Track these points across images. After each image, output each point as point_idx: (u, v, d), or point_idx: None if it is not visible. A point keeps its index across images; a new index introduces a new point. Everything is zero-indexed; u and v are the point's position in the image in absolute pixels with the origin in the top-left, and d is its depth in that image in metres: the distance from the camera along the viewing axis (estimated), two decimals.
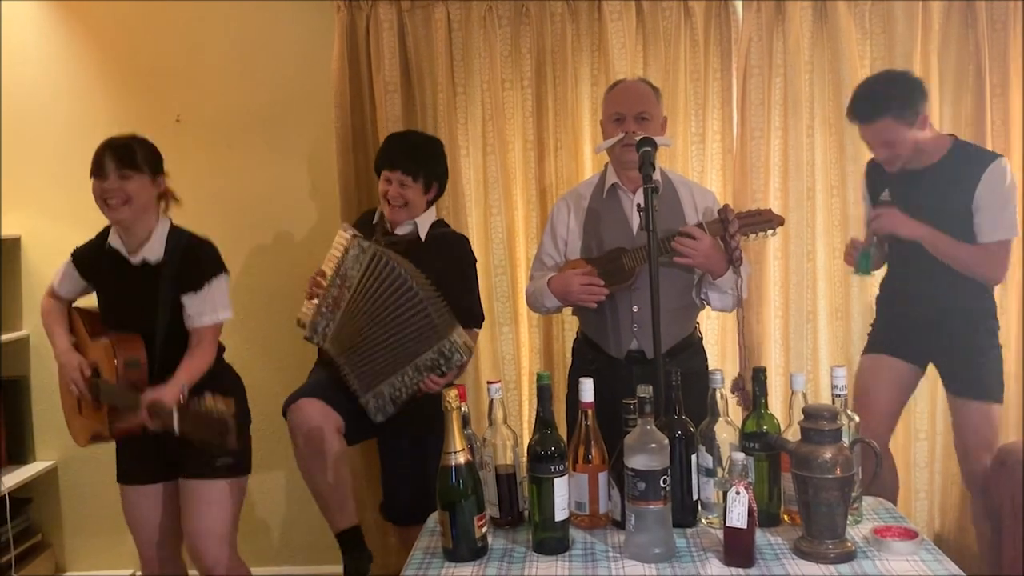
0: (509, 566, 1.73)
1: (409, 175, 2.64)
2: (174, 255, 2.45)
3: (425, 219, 2.70)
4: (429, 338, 2.49)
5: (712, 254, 2.38)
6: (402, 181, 2.63)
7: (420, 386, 2.52)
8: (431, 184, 2.70)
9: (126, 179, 2.39)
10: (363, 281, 2.51)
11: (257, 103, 3.33)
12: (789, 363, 3.15)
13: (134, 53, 3.33)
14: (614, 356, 2.53)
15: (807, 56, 3.09)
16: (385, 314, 2.50)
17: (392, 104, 3.16)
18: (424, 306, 2.47)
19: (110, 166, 2.38)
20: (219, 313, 2.46)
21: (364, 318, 2.53)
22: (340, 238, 2.60)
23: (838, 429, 1.71)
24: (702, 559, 1.71)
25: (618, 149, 2.51)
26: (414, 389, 2.52)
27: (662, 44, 3.10)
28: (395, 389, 2.54)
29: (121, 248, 2.46)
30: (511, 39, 3.16)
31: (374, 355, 2.54)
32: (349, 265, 2.55)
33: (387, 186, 2.65)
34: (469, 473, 1.76)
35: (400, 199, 2.65)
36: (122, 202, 2.39)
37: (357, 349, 2.55)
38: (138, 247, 2.44)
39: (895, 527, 1.79)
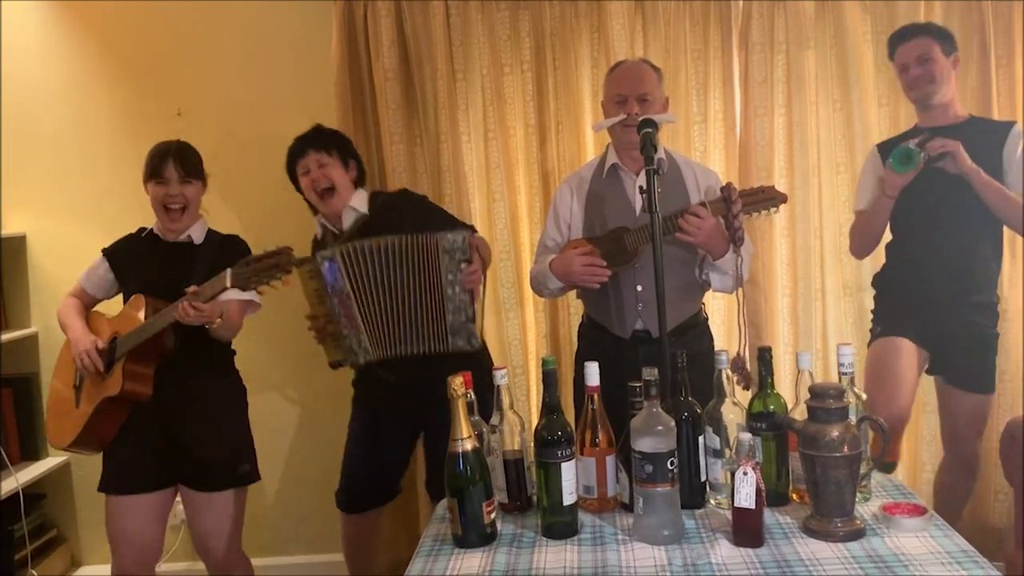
0: (519, 551, 1.73)
1: (323, 150, 2.59)
2: (213, 242, 2.57)
3: (359, 198, 2.64)
4: (427, 256, 2.47)
5: (714, 234, 2.37)
6: (318, 161, 2.58)
7: (466, 288, 2.48)
8: (348, 160, 2.66)
9: (187, 185, 2.50)
10: (353, 280, 2.50)
11: (257, 95, 3.32)
12: (798, 341, 3.14)
13: (134, 47, 3.33)
14: (620, 336, 2.53)
15: (810, 32, 3.06)
16: (389, 284, 2.49)
17: (392, 92, 3.15)
18: (405, 243, 2.47)
19: (173, 172, 2.47)
20: (250, 295, 2.49)
21: (383, 303, 2.51)
22: (301, 274, 2.55)
23: (845, 407, 1.70)
24: (711, 540, 1.71)
25: (619, 130, 2.50)
26: (468, 295, 2.48)
27: (662, 24, 3.08)
28: (457, 312, 2.49)
29: (162, 234, 2.55)
30: (510, 23, 3.14)
31: (415, 316, 2.51)
32: (334, 282, 2.51)
33: (307, 177, 2.60)
34: (476, 460, 1.76)
35: (325, 180, 2.57)
36: (182, 207, 2.49)
37: (402, 327, 2.51)
38: (181, 233, 2.55)
39: (904, 504, 1.79)
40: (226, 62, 3.32)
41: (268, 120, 3.32)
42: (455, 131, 3.14)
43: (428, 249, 2.48)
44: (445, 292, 2.48)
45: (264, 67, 3.31)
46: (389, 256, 2.49)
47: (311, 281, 2.55)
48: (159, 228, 2.57)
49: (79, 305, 2.64)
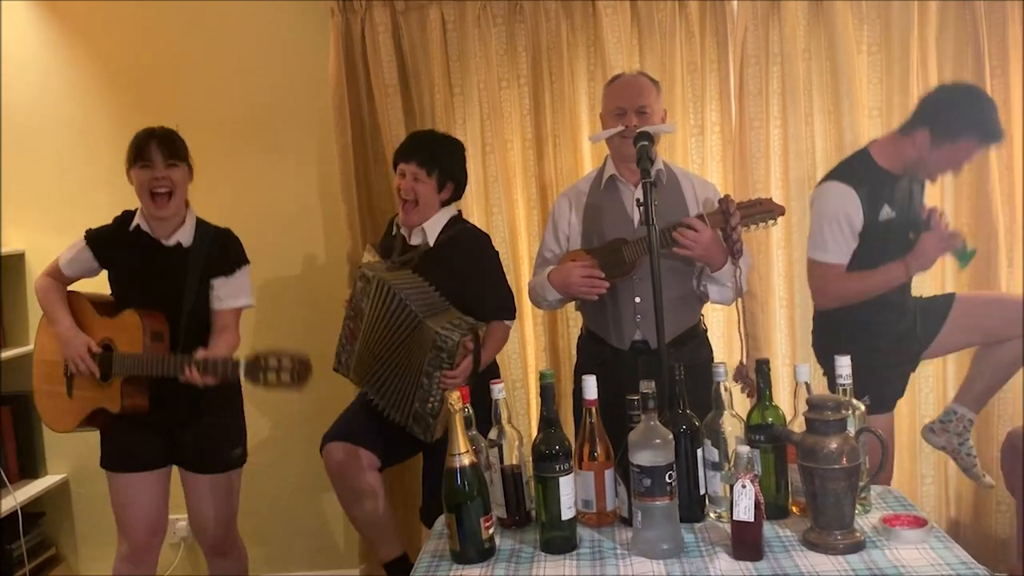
0: (517, 566, 1.72)
1: (424, 168, 2.58)
2: (204, 241, 2.51)
3: (434, 224, 2.63)
4: (422, 340, 2.45)
5: (712, 246, 2.37)
6: (415, 174, 2.58)
7: (441, 388, 2.44)
8: (445, 182, 2.64)
9: (173, 168, 2.44)
10: (371, 311, 2.53)
11: (255, 110, 3.33)
12: (796, 353, 3.14)
13: (132, 63, 3.34)
14: (618, 348, 2.52)
15: (803, 44, 3.08)
16: (391, 338, 2.50)
17: (392, 106, 3.17)
18: (416, 317, 2.45)
19: (157, 155, 2.42)
20: (244, 299, 2.55)
21: (377, 346, 2.54)
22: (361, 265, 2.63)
23: (843, 419, 1.70)
24: (710, 554, 1.70)
25: (617, 141, 2.50)
26: (439, 394, 2.45)
27: (657, 37, 3.09)
28: (424, 402, 2.48)
29: (150, 231, 2.50)
30: (506, 38, 3.16)
31: (391, 378, 2.52)
32: (359, 297, 2.58)
33: (400, 180, 2.62)
34: (474, 474, 1.75)
35: (411, 193, 2.59)
36: (168, 191, 2.43)
37: (376, 376, 2.55)
38: (170, 232, 2.50)
39: (904, 515, 1.78)
40: (224, 78, 3.33)
41: (265, 135, 3.32)
42: None
43: (424, 336, 2.44)
44: (420, 380, 2.47)
45: (261, 82, 3.32)
46: (400, 318, 2.48)
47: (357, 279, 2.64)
48: (145, 219, 2.50)
49: (60, 289, 2.62)
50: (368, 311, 2.54)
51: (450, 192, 2.68)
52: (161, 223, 2.50)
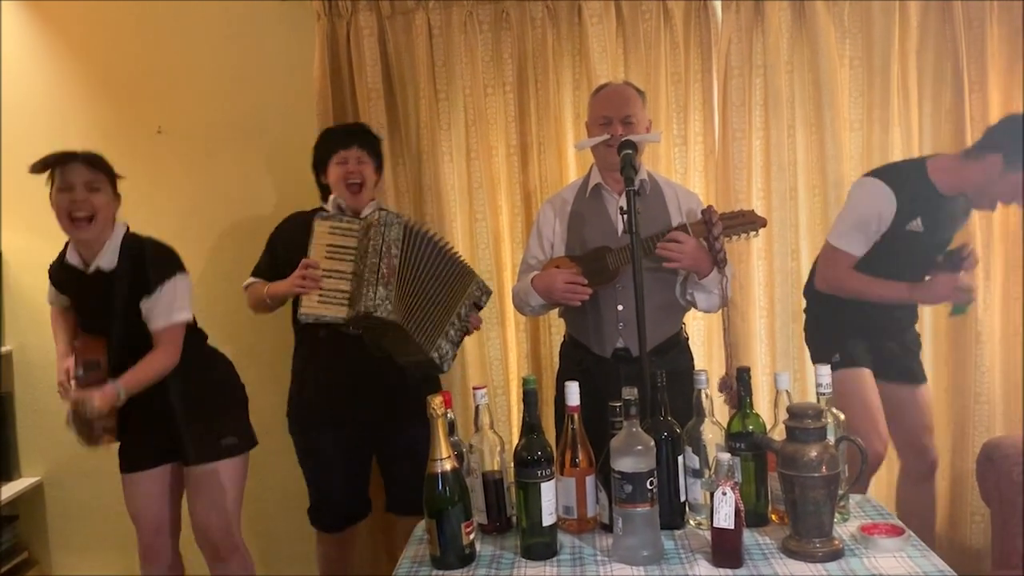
0: (497, 572, 1.72)
1: (366, 150, 2.70)
2: (126, 261, 2.42)
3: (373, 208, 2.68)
4: (465, 280, 2.54)
5: (698, 255, 2.39)
6: (359, 158, 2.68)
7: (469, 325, 2.57)
8: (379, 167, 2.80)
9: (95, 192, 2.36)
10: (407, 247, 2.46)
11: (239, 113, 3.31)
12: (775, 362, 3.16)
13: (114, 66, 3.31)
14: (600, 356, 2.53)
15: (786, 56, 3.11)
16: (435, 271, 2.50)
17: (375, 111, 3.16)
18: (455, 256, 2.54)
19: (79, 176, 2.34)
20: (174, 315, 2.42)
21: (417, 283, 2.48)
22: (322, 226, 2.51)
23: (823, 427, 1.71)
24: (690, 560, 1.71)
25: (602, 150, 2.51)
26: (465, 329, 2.56)
27: (642, 47, 3.11)
28: (452, 336, 2.53)
29: (77, 262, 2.45)
30: (492, 44, 3.17)
31: (432, 311, 2.49)
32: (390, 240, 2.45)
33: (343, 167, 2.66)
34: (456, 480, 1.75)
35: (359, 176, 2.66)
36: (88, 216, 2.35)
37: (419, 308, 2.48)
38: (92, 257, 2.42)
39: (882, 524, 1.80)
40: (207, 80, 3.31)
41: (249, 139, 3.31)
42: (437, 151, 3.15)
43: (464, 275, 2.54)
44: (458, 313, 2.52)
45: (246, 86, 3.30)
46: (438, 250, 2.50)
47: (338, 236, 2.50)
48: (73, 247, 2.47)
49: (62, 314, 2.62)
50: (404, 248, 2.46)
51: (379, 177, 2.82)
52: (86, 248, 2.43)
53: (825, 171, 3.09)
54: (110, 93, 3.32)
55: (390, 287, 2.41)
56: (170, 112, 3.31)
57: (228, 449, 2.58)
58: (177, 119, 3.31)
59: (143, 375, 2.39)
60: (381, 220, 2.46)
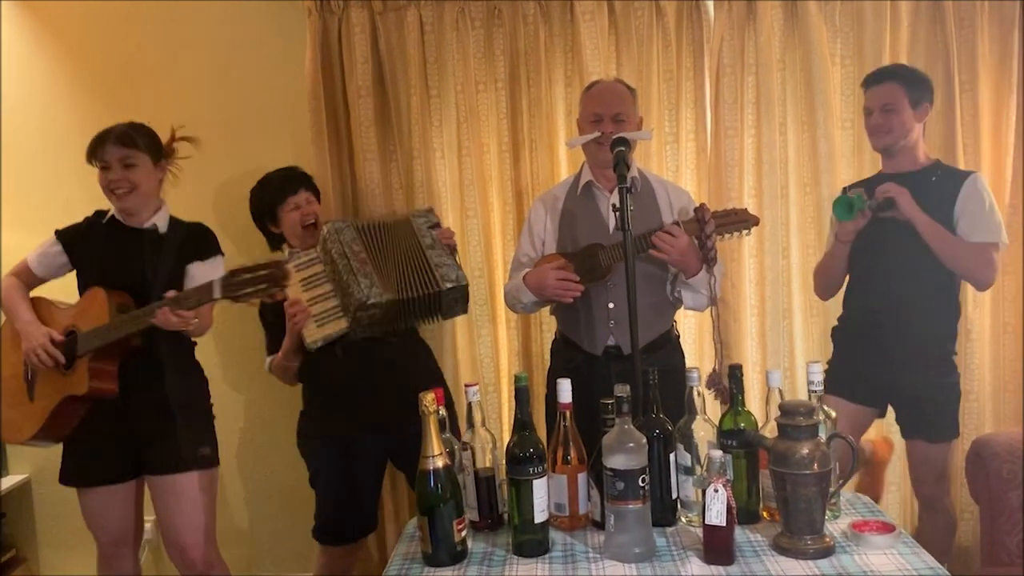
0: (489, 570, 1.72)
1: (311, 191, 2.82)
2: (179, 230, 2.55)
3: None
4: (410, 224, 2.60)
5: (688, 252, 2.39)
6: (308, 199, 2.78)
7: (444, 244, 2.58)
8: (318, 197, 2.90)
9: (130, 168, 2.44)
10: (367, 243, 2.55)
11: (230, 108, 3.29)
12: (766, 360, 3.17)
13: (104, 60, 3.29)
14: (592, 353, 2.53)
15: (778, 55, 3.11)
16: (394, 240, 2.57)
17: (366, 107, 3.15)
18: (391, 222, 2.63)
19: (112, 155, 2.42)
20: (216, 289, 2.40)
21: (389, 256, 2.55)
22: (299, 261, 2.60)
23: (815, 425, 1.71)
24: (682, 558, 1.71)
25: (593, 148, 2.52)
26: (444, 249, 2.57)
27: (635, 44, 3.10)
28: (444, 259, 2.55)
29: (124, 220, 2.51)
30: (484, 41, 3.16)
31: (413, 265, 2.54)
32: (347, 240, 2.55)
33: (297, 212, 2.73)
34: (448, 477, 1.75)
35: (313, 216, 2.76)
36: (128, 190, 2.44)
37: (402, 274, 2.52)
38: (145, 220, 2.51)
39: (873, 521, 1.80)
40: (198, 76, 3.29)
41: (239, 134, 3.29)
42: (428, 148, 3.14)
43: (407, 223, 2.61)
44: (426, 253, 2.55)
45: (236, 82, 3.28)
46: (384, 230, 2.59)
47: (304, 270, 2.57)
48: (118, 211, 2.53)
49: (22, 288, 2.58)
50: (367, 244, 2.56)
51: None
52: (132, 218, 2.51)
53: (817, 170, 3.10)
54: (102, 91, 3.29)
55: (370, 275, 2.48)
56: (160, 106, 3.27)
57: (206, 460, 2.54)
58: (169, 115, 3.28)
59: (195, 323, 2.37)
60: (330, 231, 2.56)
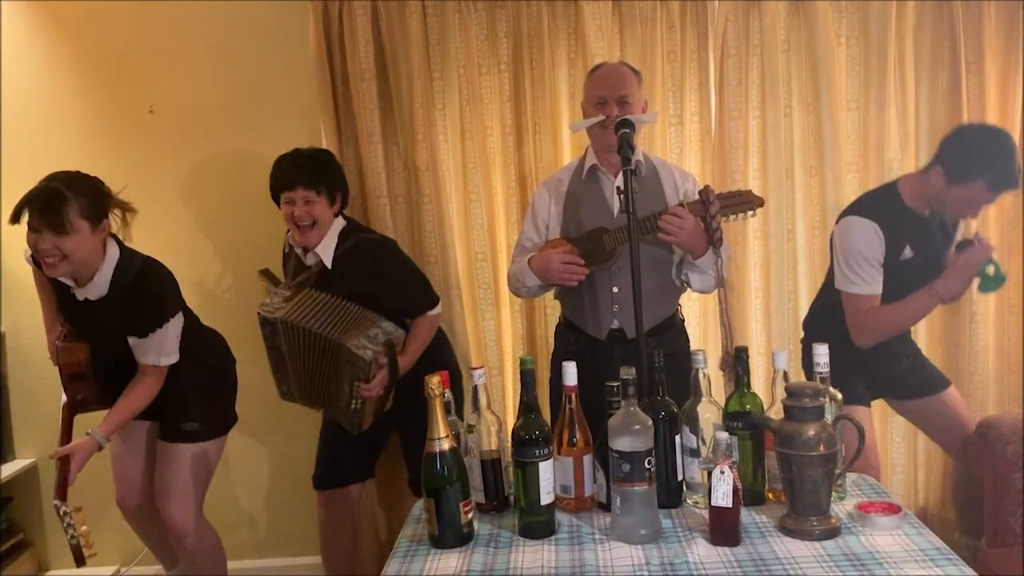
0: (495, 551, 1.72)
1: (313, 189, 2.59)
2: (117, 293, 2.35)
3: (327, 245, 2.65)
4: (340, 356, 2.54)
5: (695, 233, 2.38)
6: (306, 198, 2.59)
7: (361, 397, 2.59)
8: (335, 196, 2.67)
9: (63, 236, 2.21)
10: (289, 349, 2.63)
11: (231, 92, 3.28)
12: (771, 343, 3.17)
13: (105, 43, 3.27)
14: (595, 337, 2.53)
15: (783, 36, 3.09)
16: (317, 364, 2.60)
17: (368, 91, 3.13)
18: (330, 339, 2.53)
19: (42, 224, 2.19)
20: (162, 358, 2.43)
21: (305, 374, 2.66)
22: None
23: (821, 406, 1.71)
24: (688, 539, 1.71)
25: (598, 131, 2.50)
26: (359, 400, 2.60)
27: (638, 26, 3.08)
28: (347, 405, 2.62)
29: (69, 282, 2.38)
30: (487, 23, 3.14)
31: (323, 390, 2.67)
32: (271, 339, 2.65)
33: (291, 208, 2.61)
34: (454, 459, 1.75)
35: (308, 218, 2.60)
36: (59, 259, 2.24)
37: (313, 392, 2.70)
38: (84, 282, 2.37)
39: (879, 502, 1.80)
40: (199, 59, 3.27)
41: (242, 118, 3.28)
42: (432, 131, 3.13)
43: (338, 352, 2.54)
44: (342, 387, 2.60)
45: (238, 65, 3.26)
46: (319, 344, 2.56)
47: (263, 327, 2.65)
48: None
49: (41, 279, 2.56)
50: (286, 349, 2.63)
51: (340, 202, 2.71)
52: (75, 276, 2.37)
53: (822, 151, 3.09)
54: (103, 75, 3.27)
55: (288, 381, 2.72)
56: (164, 92, 3.27)
57: (188, 434, 2.56)
58: (170, 99, 3.28)
59: (125, 414, 2.40)
60: (261, 320, 2.61)
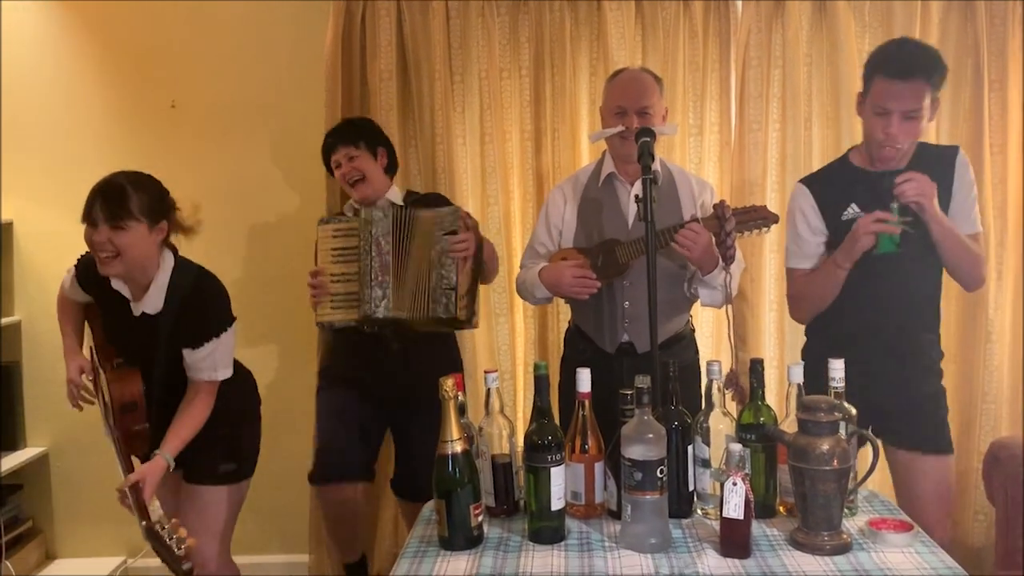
0: (505, 555, 1.72)
1: (351, 144, 2.69)
2: (173, 304, 2.29)
3: (394, 195, 2.74)
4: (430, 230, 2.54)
5: (708, 249, 2.36)
6: (348, 154, 2.68)
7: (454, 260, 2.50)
8: (376, 149, 2.74)
9: (118, 230, 2.18)
10: (397, 237, 2.56)
11: (254, 89, 3.30)
12: (784, 355, 3.15)
13: (129, 38, 3.30)
14: (605, 349, 2.52)
15: (805, 49, 3.09)
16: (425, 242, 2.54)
17: (387, 92, 3.14)
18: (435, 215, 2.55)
19: (99, 215, 2.17)
20: (218, 371, 2.34)
21: (416, 262, 2.54)
22: (325, 232, 2.62)
23: (836, 421, 1.70)
24: (698, 550, 1.71)
25: (617, 141, 2.49)
26: (454, 267, 2.50)
27: (661, 35, 3.09)
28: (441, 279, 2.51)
29: (124, 290, 2.32)
30: (509, 27, 3.15)
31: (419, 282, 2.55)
32: (379, 233, 2.56)
33: (340, 171, 2.70)
34: (466, 462, 1.75)
35: (356, 173, 2.67)
36: (113, 255, 2.20)
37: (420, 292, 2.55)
38: (140, 294, 2.30)
39: (890, 519, 1.79)
40: (223, 55, 3.30)
41: (262, 114, 3.30)
42: (451, 134, 3.14)
43: (430, 224, 2.54)
44: (431, 274, 2.53)
45: (260, 61, 3.29)
46: (414, 228, 2.56)
47: (340, 239, 2.61)
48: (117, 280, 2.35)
49: (72, 305, 2.52)
50: (395, 239, 2.56)
51: (385, 158, 2.78)
52: (130, 283, 2.31)
53: None
54: (126, 69, 3.31)
55: (386, 285, 2.53)
56: (186, 87, 3.30)
57: (225, 476, 2.44)
58: (193, 94, 3.30)
59: (186, 433, 2.29)
60: (369, 217, 2.56)
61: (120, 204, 2.18)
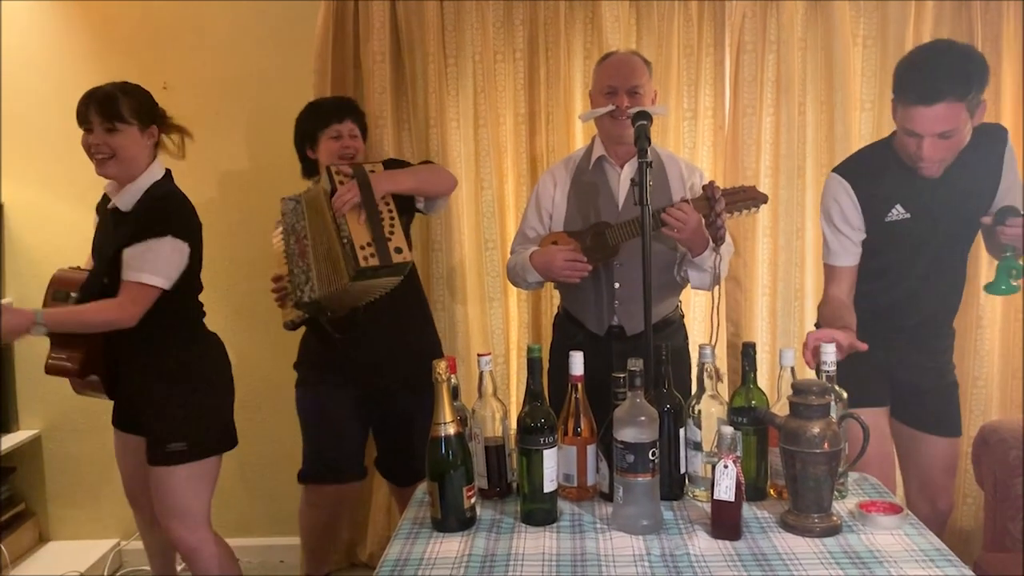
0: (498, 537, 1.73)
1: (356, 123, 2.70)
2: (141, 207, 2.35)
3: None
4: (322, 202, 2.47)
5: (698, 230, 2.36)
6: (352, 132, 2.67)
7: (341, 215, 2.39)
8: (365, 136, 2.79)
9: (112, 132, 2.32)
10: (311, 221, 2.50)
11: (246, 70, 3.28)
12: (776, 340, 3.17)
13: (120, 19, 3.27)
14: (595, 332, 2.53)
15: (800, 34, 3.08)
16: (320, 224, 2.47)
17: (381, 74, 3.13)
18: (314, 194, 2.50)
19: (94, 118, 2.32)
20: (144, 274, 2.26)
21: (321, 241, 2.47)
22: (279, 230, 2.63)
23: (827, 404, 1.71)
24: (689, 531, 1.72)
25: (607, 121, 2.48)
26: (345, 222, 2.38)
27: (655, 18, 3.08)
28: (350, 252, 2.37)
29: (111, 192, 2.44)
30: (503, 10, 3.13)
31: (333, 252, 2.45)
32: (292, 222, 2.55)
33: (337, 142, 2.64)
34: (459, 444, 1.76)
35: (353, 150, 2.66)
36: (108, 156, 2.33)
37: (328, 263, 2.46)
38: (118, 191, 2.40)
39: (880, 502, 1.81)
40: (215, 36, 3.27)
41: (254, 95, 3.29)
42: (444, 116, 3.12)
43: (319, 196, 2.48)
44: (331, 229, 2.42)
45: (253, 43, 3.27)
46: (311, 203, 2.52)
47: (282, 242, 2.60)
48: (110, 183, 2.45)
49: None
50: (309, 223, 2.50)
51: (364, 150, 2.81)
52: (114, 184, 2.42)
53: (834, 151, 3.08)
54: (118, 50, 3.28)
55: (308, 269, 2.48)
56: (178, 69, 3.27)
57: (172, 456, 2.36)
58: (185, 76, 3.27)
59: (75, 317, 2.27)
60: (284, 209, 2.55)
61: (112, 107, 2.32)
